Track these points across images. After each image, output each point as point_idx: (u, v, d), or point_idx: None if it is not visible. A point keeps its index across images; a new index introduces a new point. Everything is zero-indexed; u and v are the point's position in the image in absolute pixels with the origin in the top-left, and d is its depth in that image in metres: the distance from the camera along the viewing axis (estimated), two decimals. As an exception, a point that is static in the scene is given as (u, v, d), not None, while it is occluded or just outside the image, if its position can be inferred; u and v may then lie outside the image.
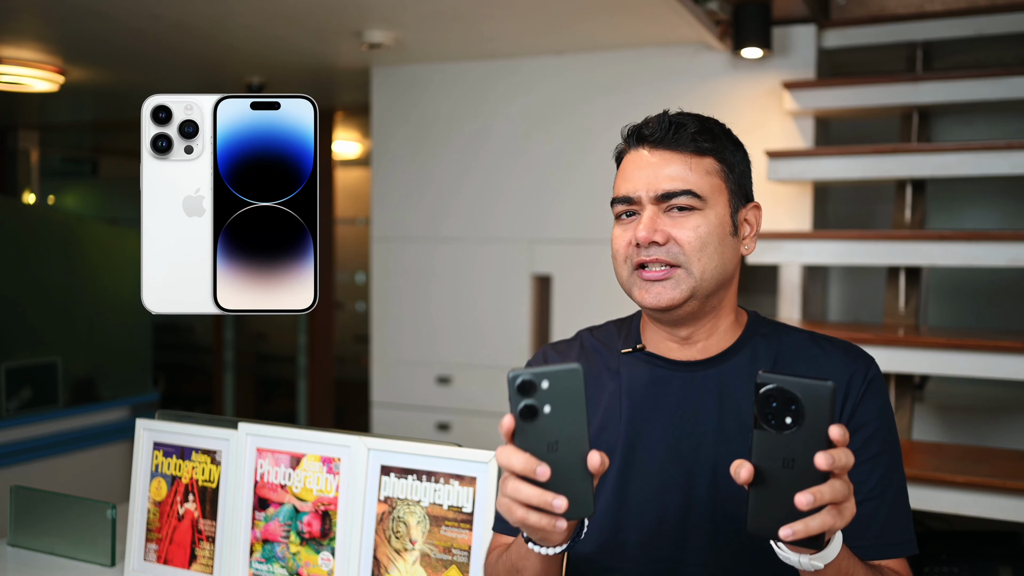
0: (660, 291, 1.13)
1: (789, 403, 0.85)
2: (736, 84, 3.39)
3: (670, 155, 1.15)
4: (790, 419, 0.85)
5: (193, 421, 1.62)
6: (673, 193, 1.13)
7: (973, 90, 3.00)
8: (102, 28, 3.30)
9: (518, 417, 0.88)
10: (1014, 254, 2.73)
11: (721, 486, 1.12)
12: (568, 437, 0.88)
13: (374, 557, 1.43)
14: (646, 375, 1.19)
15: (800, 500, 0.83)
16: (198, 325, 6.02)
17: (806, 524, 0.84)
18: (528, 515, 0.89)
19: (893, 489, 1.11)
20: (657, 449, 1.15)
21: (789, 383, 0.85)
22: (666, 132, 1.15)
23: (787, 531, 0.84)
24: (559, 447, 0.88)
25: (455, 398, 3.85)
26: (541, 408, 0.88)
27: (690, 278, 1.12)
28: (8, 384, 3.26)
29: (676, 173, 1.13)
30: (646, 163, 1.15)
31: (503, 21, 3.20)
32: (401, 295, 3.99)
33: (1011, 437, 3.25)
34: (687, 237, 1.12)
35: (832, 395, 0.84)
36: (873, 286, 3.66)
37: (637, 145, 1.18)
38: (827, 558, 0.90)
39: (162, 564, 1.60)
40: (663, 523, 1.13)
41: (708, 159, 1.15)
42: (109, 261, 3.84)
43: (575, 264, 3.61)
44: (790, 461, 0.85)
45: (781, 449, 0.85)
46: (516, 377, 0.88)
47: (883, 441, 1.12)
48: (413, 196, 3.96)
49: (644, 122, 1.19)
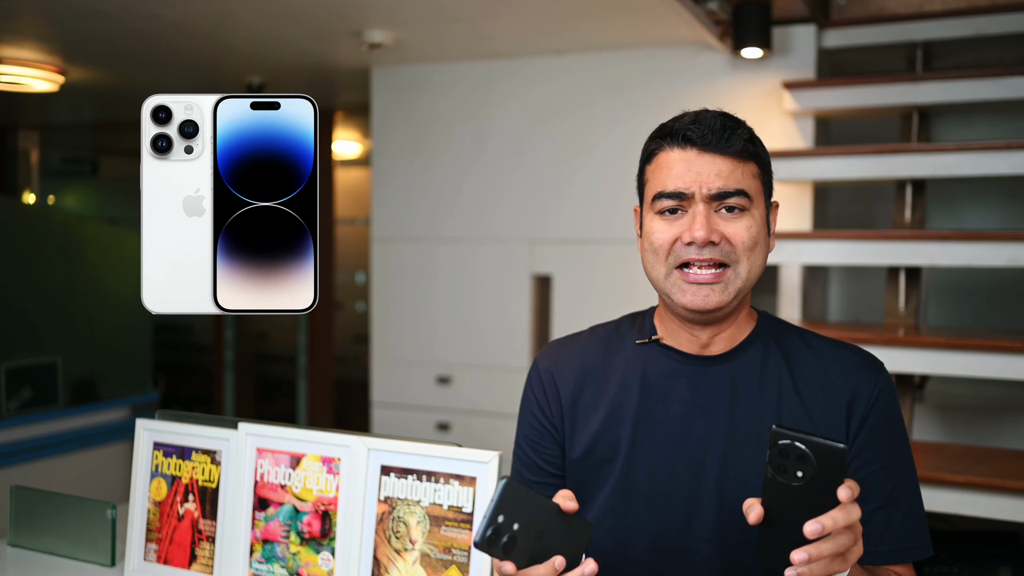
0: (708, 293, 1.12)
1: (801, 460, 0.88)
2: (736, 84, 3.39)
3: (721, 159, 1.12)
4: (801, 474, 0.88)
5: (193, 421, 1.62)
6: (728, 192, 1.11)
7: (973, 90, 3.00)
8: (102, 28, 3.30)
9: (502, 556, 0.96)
10: (1014, 254, 2.73)
11: (728, 480, 1.13)
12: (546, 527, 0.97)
13: (374, 557, 1.43)
14: (659, 366, 1.20)
15: (795, 557, 0.86)
16: (198, 325, 6.01)
17: (810, 569, 0.87)
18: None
19: (907, 496, 1.12)
20: (665, 439, 1.16)
21: (803, 441, 0.88)
22: (719, 135, 1.12)
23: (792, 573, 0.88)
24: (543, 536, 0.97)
25: (455, 398, 3.85)
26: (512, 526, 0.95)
27: (738, 279, 1.13)
28: (8, 384, 3.26)
29: (731, 175, 1.12)
30: (697, 161, 1.12)
31: (503, 21, 3.20)
32: (401, 295, 3.99)
33: (1011, 437, 3.25)
34: (741, 237, 1.12)
35: (844, 458, 0.87)
36: (873, 286, 3.66)
37: (683, 145, 1.14)
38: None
39: (162, 564, 1.60)
40: (668, 512, 1.14)
41: (752, 163, 1.15)
42: (109, 261, 3.84)
43: (575, 264, 3.61)
44: (798, 509, 0.88)
45: (790, 498, 0.89)
46: (482, 532, 0.95)
47: (894, 449, 1.13)
48: (413, 196, 3.96)
49: (688, 122, 1.15)
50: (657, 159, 1.16)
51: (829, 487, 0.87)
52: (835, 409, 1.12)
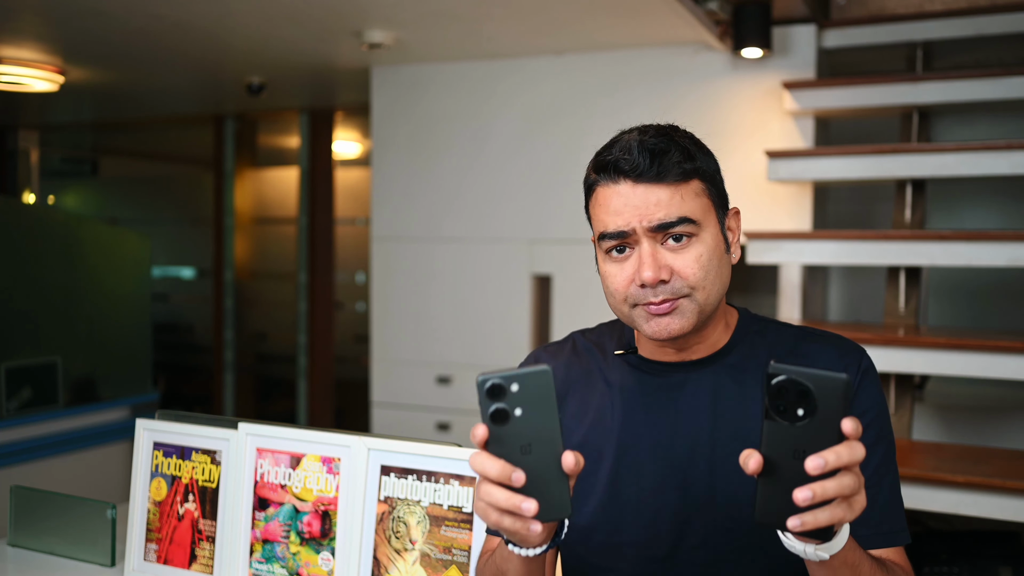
0: (668, 322, 1.10)
1: (802, 395, 0.84)
2: (736, 84, 3.39)
3: (656, 187, 1.08)
4: (802, 411, 0.84)
5: (193, 421, 1.62)
6: (670, 223, 1.08)
7: (973, 90, 3.00)
8: (102, 28, 3.31)
9: (489, 422, 0.88)
10: (1014, 254, 2.73)
11: (717, 487, 1.12)
12: (541, 439, 0.88)
13: (374, 557, 1.43)
14: (639, 377, 1.19)
15: (798, 495, 0.82)
16: (198, 325, 6.01)
17: (815, 515, 0.83)
18: (502, 519, 0.89)
19: (889, 478, 1.11)
20: (650, 450, 1.15)
21: (802, 374, 0.83)
22: (649, 164, 1.08)
23: (795, 522, 0.83)
24: (532, 449, 0.88)
25: (455, 398, 3.85)
26: (512, 411, 0.87)
27: (694, 304, 1.10)
28: (8, 384, 3.26)
29: (669, 203, 1.08)
30: (632, 195, 1.09)
31: (503, 21, 3.20)
32: (401, 295, 3.99)
33: (1011, 437, 3.25)
34: (691, 269, 1.09)
35: (846, 387, 0.83)
36: (873, 286, 3.66)
37: (616, 177, 1.10)
38: (833, 549, 0.90)
39: (162, 564, 1.60)
40: (657, 523, 1.13)
41: (694, 182, 1.10)
42: (109, 261, 3.83)
43: (575, 264, 3.61)
44: (801, 452, 0.84)
45: (791, 440, 0.84)
46: (485, 381, 0.87)
47: (879, 430, 1.12)
48: (413, 196, 3.96)
49: (618, 151, 1.10)
50: (596, 195, 1.13)
51: (832, 423, 0.83)
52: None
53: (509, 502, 0.87)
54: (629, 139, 1.11)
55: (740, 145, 3.36)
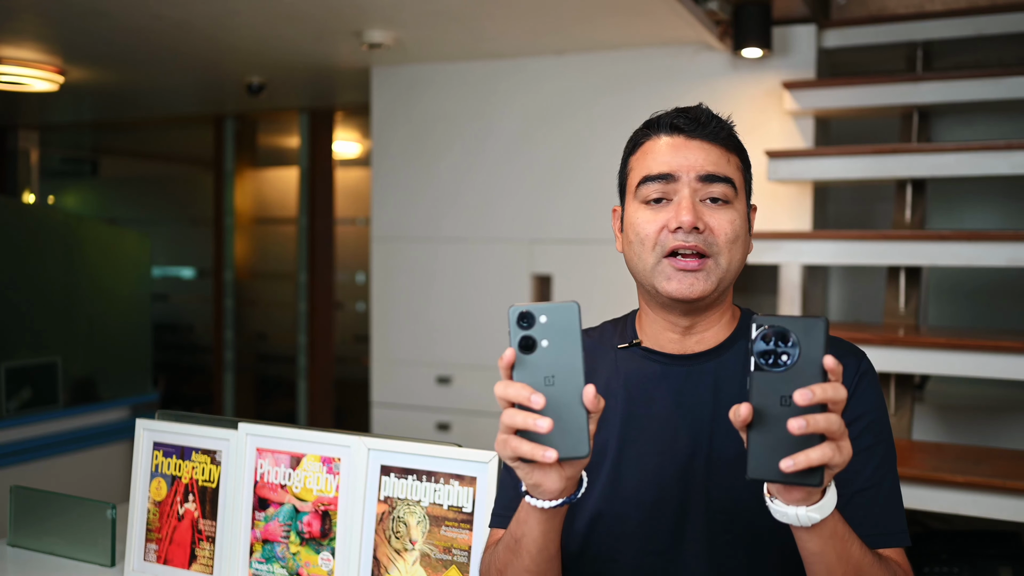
0: (693, 282, 1.11)
1: (784, 340, 0.87)
2: (736, 84, 3.39)
3: (708, 145, 1.14)
4: (786, 356, 0.87)
5: (193, 421, 1.62)
6: (717, 177, 1.12)
7: (973, 90, 3.00)
8: (102, 28, 3.31)
9: (517, 348, 0.91)
10: (1014, 254, 2.73)
11: (717, 478, 1.12)
12: (564, 372, 0.91)
13: (374, 557, 1.43)
14: (642, 369, 1.20)
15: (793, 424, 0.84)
16: (198, 325, 6.02)
17: (807, 454, 0.85)
18: (521, 445, 0.90)
19: (888, 479, 1.11)
20: (653, 442, 1.15)
21: (784, 321, 0.88)
22: (706, 125, 1.14)
23: (788, 462, 0.85)
24: (555, 381, 0.91)
25: (455, 398, 3.85)
26: (539, 341, 0.91)
27: (719, 269, 1.12)
28: (8, 384, 3.26)
29: (718, 160, 1.13)
30: (684, 147, 1.13)
31: (503, 21, 3.20)
32: (401, 295, 3.99)
33: (1011, 437, 3.25)
34: (724, 228, 1.12)
35: (825, 328, 0.87)
36: (873, 286, 3.66)
37: (671, 132, 1.15)
38: (824, 510, 0.91)
39: (162, 564, 1.60)
40: (659, 515, 1.14)
41: (735, 157, 1.16)
42: (109, 261, 3.83)
43: (575, 264, 3.61)
44: (787, 399, 0.87)
45: (778, 387, 0.87)
46: (516, 310, 0.91)
47: (877, 432, 1.12)
48: (413, 196, 3.96)
49: (674, 112, 1.17)
50: (643, 147, 1.17)
51: (814, 365, 0.86)
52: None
53: (526, 422, 0.89)
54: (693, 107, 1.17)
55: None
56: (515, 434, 0.91)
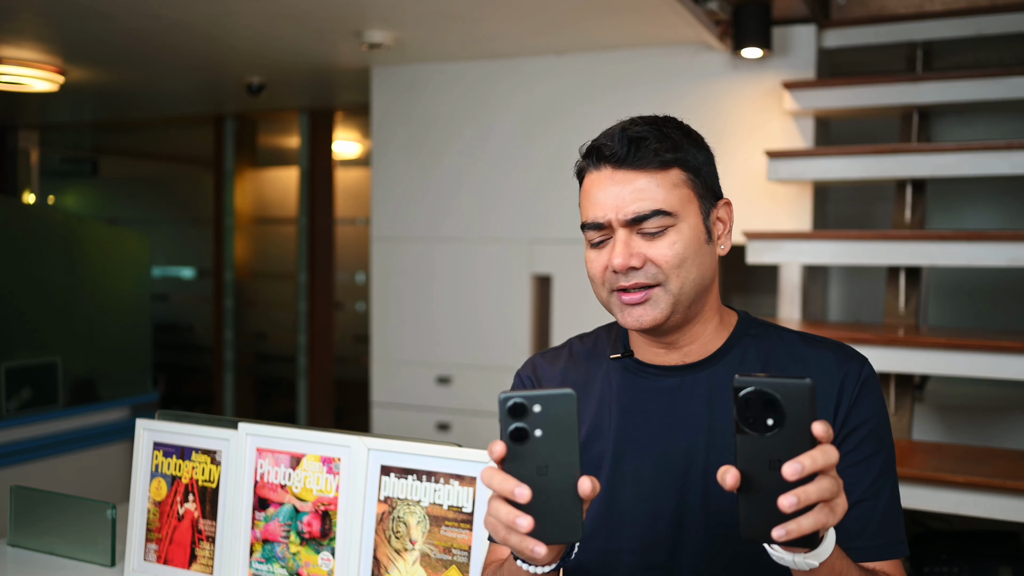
0: (640, 313, 1.11)
1: (769, 405, 0.84)
2: (736, 84, 3.39)
3: (634, 174, 1.10)
4: (771, 420, 0.84)
5: (193, 421, 1.62)
6: (643, 216, 1.09)
7: (973, 90, 3.00)
8: (102, 28, 3.31)
9: (508, 440, 0.87)
10: (1014, 254, 2.73)
11: (713, 491, 1.11)
12: (558, 462, 0.87)
13: (374, 557, 1.43)
14: (634, 381, 1.19)
15: (783, 502, 0.82)
16: (198, 325, 6.02)
17: (799, 523, 0.83)
18: (509, 536, 0.89)
19: (888, 489, 1.10)
20: (647, 455, 1.14)
21: (767, 384, 0.84)
22: (628, 150, 1.09)
23: (780, 531, 0.83)
24: (549, 471, 0.87)
25: (455, 398, 3.85)
26: (532, 432, 0.87)
27: (668, 295, 1.10)
28: (8, 384, 3.26)
29: (643, 193, 1.09)
30: (611, 183, 1.10)
31: (503, 21, 3.20)
32: (401, 295, 3.99)
33: (1011, 437, 3.25)
34: (664, 256, 1.09)
35: (811, 392, 0.83)
36: (873, 286, 3.66)
37: (598, 164, 1.12)
38: (821, 556, 0.90)
39: (162, 564, 1.60)
40: (656, 529, 1.13)
41: (673, 171, 1.11)
42: (109, 261, 3.83)
43: (575, 264, 3.61)
44: (776, 463, 0.84)
45: (765, 451, 0.85)
46: (507, 400, 0.87)
47: (878, 441, 1.11)
48: (413, 196, 3.96)
49: (602, 137, 1.13)
50: (584, 183, 1.16)
51: (802, 429, 0.83)
52: (821, 408, 1.12)
53: (508, 517, 0.87)
54: (616, 127, 1.14)
55: (740, 145, 3.36)
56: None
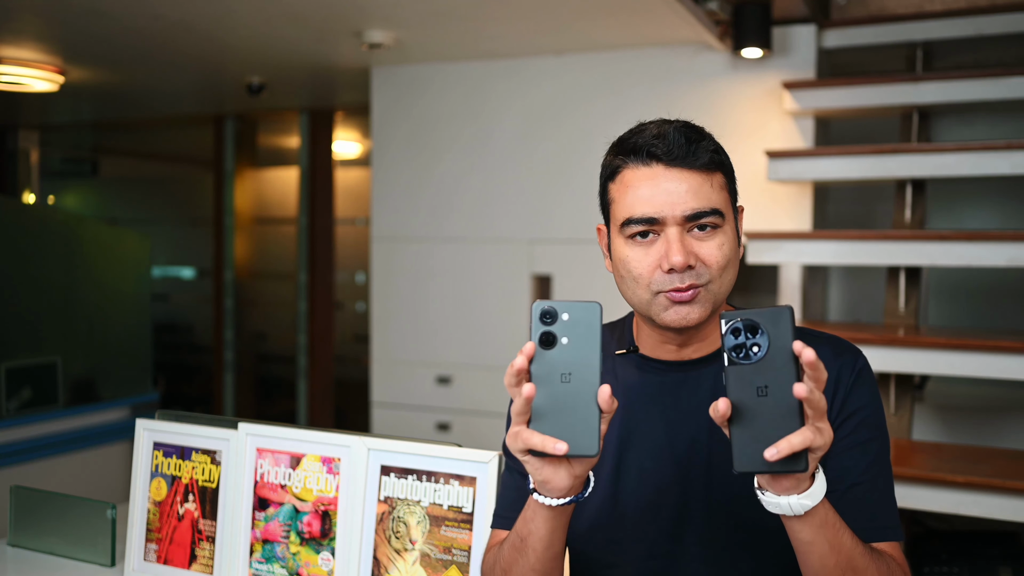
0: (687, 311, 1.10)
1: (752, 332, 0.90)
2: (736, 84, 3.39)
3: (688, 173, 1.09)
4: (756, 348, 0.90)
5: (193, 421, 1.62)
6: (702, 212, 1.08)
7: (973, 90, 3.00)
8: (102, 28, 3.31)
9: (537, 343, 0.92)
10: (1014, 254, 2.73)
11: (716, 483, 1.12)
12: (581, 370, 0.92)
13: (374, 557, 1.43)
14: (639, 376, 1.20)
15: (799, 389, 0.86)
16: (198, 325, 6.02)
17: (789, 440, 0.87)
18: (532, 436, 0.91)
19: (882, 476, 1.12)
20: (651, 449, 1.16)
21: (750, 313, 0.90)
22: (685, 149, 1.09)
23: (772, 451, 0.87)
24: (571, 379, 0.92)
25: (455, 398, 3.85)
26: (559, 338, 0.93)
27: (710, 296, 1.11)
28: (8, 384, 3.26)
29: (700, 191, 1.08)
30: (664, 180, 1.09)
31: (503, 21, 3.20)
32: (401, 295, 3.99)
33: (1011, 437, 3.25)
34: (715, 258, 1.09)
35: (791, 315, 0.89)
36: (873, 286, 3.66)
37: (648, 160, 1.10)
38: (815, 496, 0.92)
39: (162, 564, 1.60)
40: (659, 520, 1.14)
41: (718, 174, 1.12)
42: (109, 261, 3.83)
43: (575, 264, 3.61)
44: (764, 389, 0.89)
45: (754, 379, 0.89)
46: (540, 305, 0.93)
47: (873, 428, 1.13)
48: (413, 196, 3.96)
49: (651, 137, 1.11)
50: (621, 177, 1.13)
51: (785, 352, 0.88)
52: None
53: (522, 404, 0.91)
54: (661, 128, 1.12)
55: (740, 145, 3.36)
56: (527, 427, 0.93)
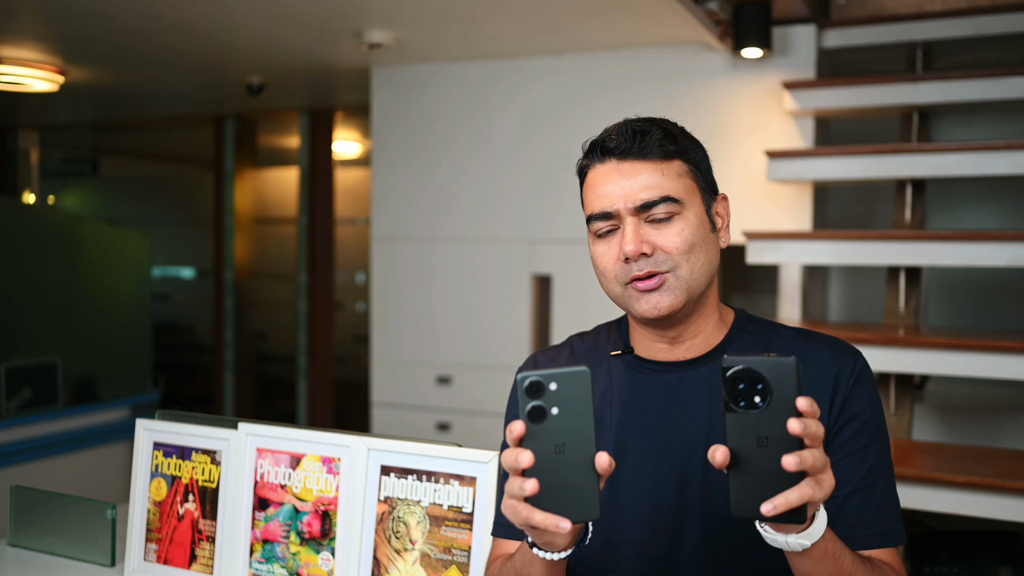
0: (657, 299, 1.12)
1: (756, 382, 0.88)
2: (736, 84, 3.39)
3: (640, 164, 1.12)
4: (758, 398, 0.88)
5: (193, 421, 1.62)
6: (652, 202, 1.11)
7: (973, 90, 3.00)
8: (102, 28, 3.31)
9: (526, 419, 0.90)
10: (1014, 254, 2.73)
11: (713, 484, 1.12)
12: (575, 439, 0.90)
13: (374, 557, 1.43)
14: (635, 377, 1.20)
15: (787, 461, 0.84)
16: (198, 325, 6.02)
17: (786, 497, 0.86)
18: (533, 514, 0.90)
19: (884, 479, 1.11)
20: (648, 450, 1.16)
21: (753, 363, 0.87)
22: (632, 142, 1.12)
23: (768, 506, 0.86)
24: (566, 449, 0.90)
25: (455, 398, 3.85)
26: (549, 410, 0.90)
27: (680, 281, 1.12)
28: (8, 384, 3.26)
29: (650, 181, 1.11)
30: (617, 175, 1.13)
31: (503, 21, 3.20)
32: (401, 295, 3.99)
33: (1011, 437, 3.25)
34: (674, 243, 1.11)
35: (796, 369, 0.87)
36: (873, 286, 3.66)
37: (603, 158, 1.15)
38: (814, 536, 0.92)
39: (162, 564, 1.60)
40: (657, 523, 1.14)
41: (676, 162, 1.14)
42: (109, 261, 3.83)
43: (575, 264, 3.61)
44: (764, 439, 0.87)
45: (753, 428, 0.88)
46: (525, 379, 0.90)
47: (873, 432, 1.12)
48: (413, 196, 3.96)
49: (605, 134, 1.16)
50: (587, 178, 1.17)
51: (789, 405, 0.87)
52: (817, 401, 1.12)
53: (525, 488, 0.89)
54: (618, 125, 1.16)
55: (740, 145, 3.36)
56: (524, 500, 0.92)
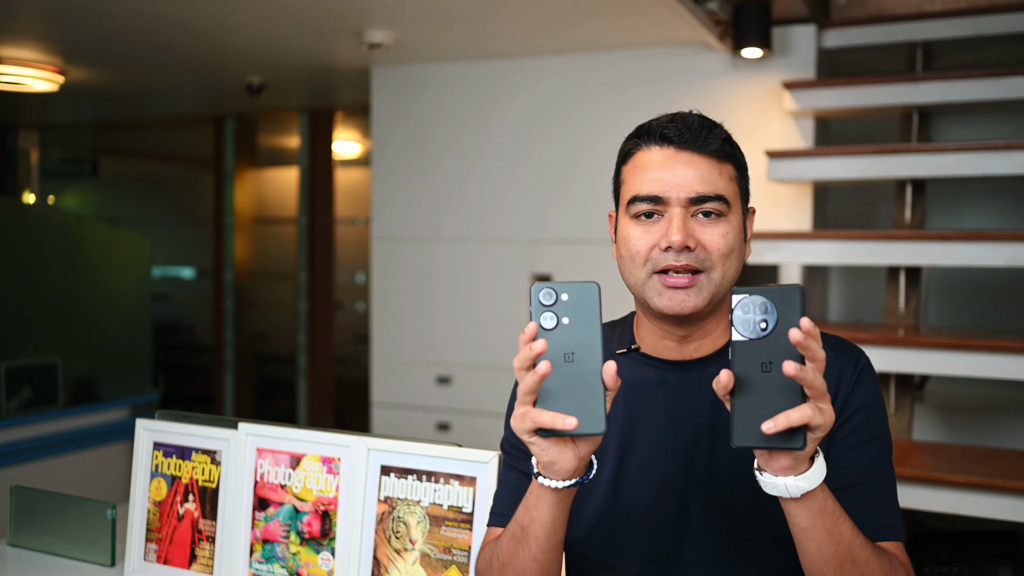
0: (684, 298, 1.10)
1: (762, 308, 0.90)
2: (736, 84, 3.39)
3: (699, 158, 1.10)
4: (764, 324, 0.91)
5: (193, 421, 1.62)
6: (707, 197, 1.09)
7: (973, 90, 3.00)
8: (102, 28, 3.31)
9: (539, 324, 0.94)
10: (1014, 254, 2.73)
11: (717, 484, 1.12)
12: (583, 349, 0.93)
13: (374, 557, 1.43)
14: (641, 375, 1.19)
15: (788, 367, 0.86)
16: (198, 325, 6.02)
17: (787, 415, 0.87)
18: (540, 414, 0.91)
19: (884, 474, 1.11)
20: (653, 448, 1.15)
21: (761, 290, 0.91)
22: (696, 134, 1.11)
23: (769, 423, 0.87)
24: (575, 358, 0.93)
25: (455, 398, 3.85)
26: (560, 318, 0.94)
27: (711, 284, 1.10)
28: (8, 384, 3.26)
29: (708, 177, 1.10)
30: (675, 163, 1.11)
31: (504, 21, 3.20)
32: (401, 295, 3.99)
33: (1011, 437, 3.25)
34: (717, 244, 1.09)
35: (801, 295, 0.90)
36: (873, 286, 3.65)
37: (661, 143, 1.12)
38: (813, 480, 0.92)
39: (162, 564, 1.60)
40: (660, 521, 1.13)
41: (729, 165, 1.13)
42: (109, 261, 3.83)
43: (575, 264, 3.61)
44: (767, 364, 0.90)
45: (759, 354, 0.90)
46: (540, 288, 0.94)
47: (874, 427, 1.12)
48: (413, 196, 3.96)
49: (665, 121, 1.14)
50: (634, 159, 1.15)
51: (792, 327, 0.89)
52: None
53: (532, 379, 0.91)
54: (677, 114, 1.15)
55: (740, 145, 3.35)
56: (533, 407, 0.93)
